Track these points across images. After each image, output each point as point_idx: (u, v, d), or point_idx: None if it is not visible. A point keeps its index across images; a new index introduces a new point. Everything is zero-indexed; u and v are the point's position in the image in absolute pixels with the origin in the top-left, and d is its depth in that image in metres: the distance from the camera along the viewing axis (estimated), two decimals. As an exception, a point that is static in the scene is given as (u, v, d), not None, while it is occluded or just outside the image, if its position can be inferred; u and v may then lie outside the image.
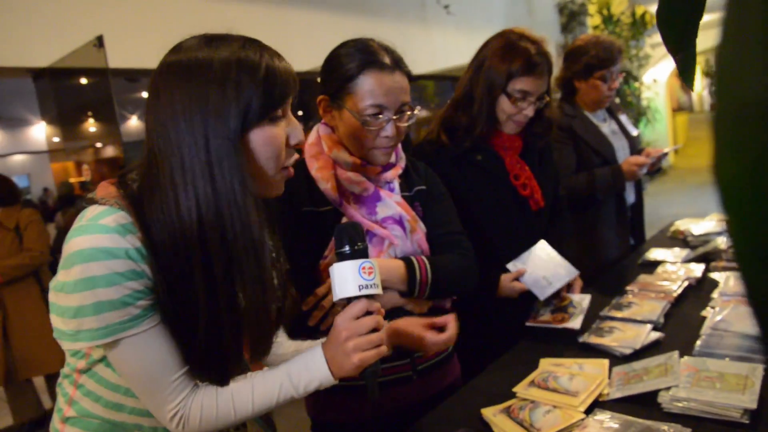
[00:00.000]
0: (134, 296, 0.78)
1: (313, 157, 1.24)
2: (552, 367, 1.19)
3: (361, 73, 1.16)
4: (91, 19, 3.46)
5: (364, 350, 0.86)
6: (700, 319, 1.38)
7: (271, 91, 0.82)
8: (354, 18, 5.76)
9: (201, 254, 0.79)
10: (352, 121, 1.18)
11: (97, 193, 0.83)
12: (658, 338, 1.29)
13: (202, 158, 0.79)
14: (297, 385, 0.89)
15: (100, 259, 0.75)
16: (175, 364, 0.84)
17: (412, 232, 1.23)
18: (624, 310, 1.47)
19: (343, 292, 0.87)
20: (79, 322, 0.78)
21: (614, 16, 9.90)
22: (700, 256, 1.90)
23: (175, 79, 0.80)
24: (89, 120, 4.07)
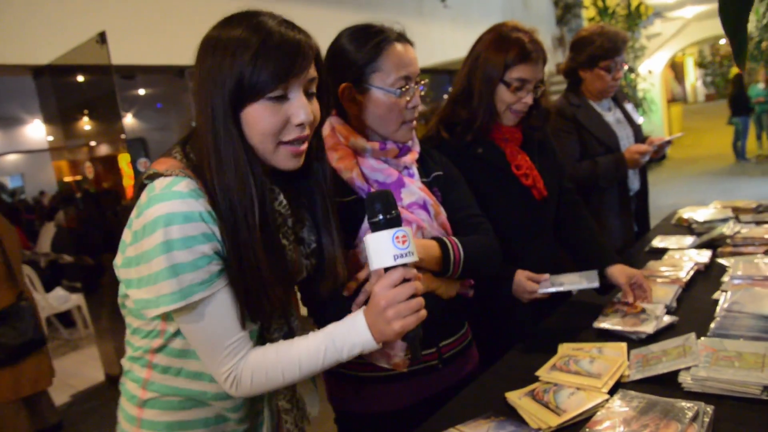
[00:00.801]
0: (205, 259, 0.86)
1: (332, 149, 1.24)
2: (572, 351, 1.21)
3: (383, 49, 1.20)
4: (93, 15, 3.45)
5: (404, 317, 0.90)
6: (712, 303, 1.41)
7: (263, 67, 0.87)
8: (351, 12, 5.76)
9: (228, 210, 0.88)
10: (382, 100, 1.21)
11: (158, 167, 0.90)
12: (672, 322, 1.32)
13: (209, 130, 0.88)
14: (341, 349, 0.93)
15: (179, 222, 0.83)
16: (234, 328, 0.91)
17: (436, 216, 1.26)
18: (637, 296, 1.49)
19: (379, 263, 0.89)
20: (159, 287, 0.85)
21: (609, 8, 9.93)
22: (706, 243, 1.93)
23: (201, 54, 0.91)
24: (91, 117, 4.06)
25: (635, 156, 2.17)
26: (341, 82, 1.23)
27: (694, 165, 10.22)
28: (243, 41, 0.87)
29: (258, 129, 0.90)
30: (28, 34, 3.45)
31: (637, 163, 2.19)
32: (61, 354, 5.07)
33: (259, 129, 0.90)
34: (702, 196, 7.36)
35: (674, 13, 12.53)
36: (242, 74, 0.86)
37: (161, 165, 0.91)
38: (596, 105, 2.34)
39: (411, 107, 1.24)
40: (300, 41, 0.91)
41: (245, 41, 0.87)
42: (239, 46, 0.87)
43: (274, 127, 0.90)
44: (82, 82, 3.70)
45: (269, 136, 0.91)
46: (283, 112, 0.90)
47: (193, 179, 0.88)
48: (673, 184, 8.69)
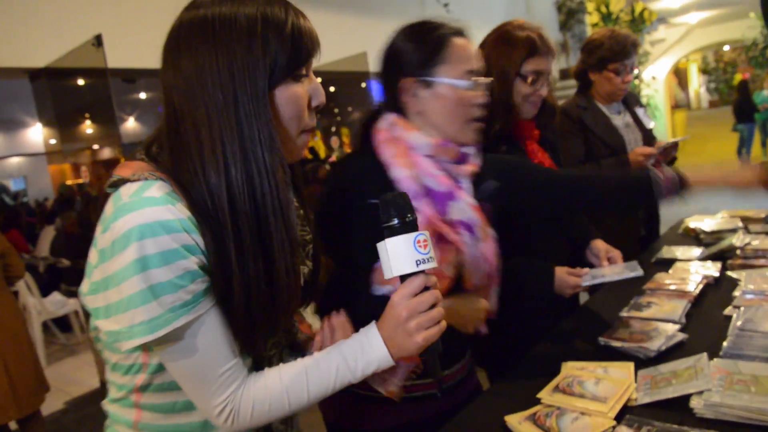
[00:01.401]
0: (186, 277, 0.73)
1: (387, 143, 1.18)
2: (576, 371, 1.15)
3: (447, 41, 1.15)
4: (90, 18, 3.41)
5: (426, 328, 0.82)
6: (723, 319, 1.34)
7: (298, 48, 0.80)
8: (353, 16, 5.72)
9: (230, 216, 0.75)
10: (448, 94, 1.15)
11: (122, 173, 0.77)
12: (682, 339, 1.25)
13: (231, 116, 0.76)
14: (354, 369, 0.83)
15: (154, 234, 0.70)
16: (226, 354, 0.79)
17: (481, 241, 1.18)
18: (644, 311, 1.43)
19: (398, 269, 0.80)
20: (132, 315, 0.72)
21: (613, 13, 9.89)
22: (715, 254, 1.86)
23: (199, 35, 0.77)
24: (87, 121, 4.02)
25: (639, 158, 2.12)
26: (400, 79, 1.18)
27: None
28: (272, 21, 0.78)
29: (288, 110, 0.81)
30: (25, 37, 3.41)
31: (641, 165, 2.13)
32: (57, 359, 5.01)
33: (289, 110, 0.81)
34: (706, 203, 7.24)
35: (678, 19, 12.49)
36: (277, 54, 0.77)
37: (126, 169, 0.79)
38: (605, 108, 2.32)
39: (478, 104, 1.18)
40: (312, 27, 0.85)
41: (275, 21, 0.78)
42: (270, 26, 0.77)
43: (302, 107, 0.83)
44: (79, 86, 3.66)
45: (296, 118, 0.82)
46: (304, 91, 0.83)
47: (165, 181, 0.76)
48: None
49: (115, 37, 3.18)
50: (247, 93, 0.76)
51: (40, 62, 3.55)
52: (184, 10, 0.81)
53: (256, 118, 0.77)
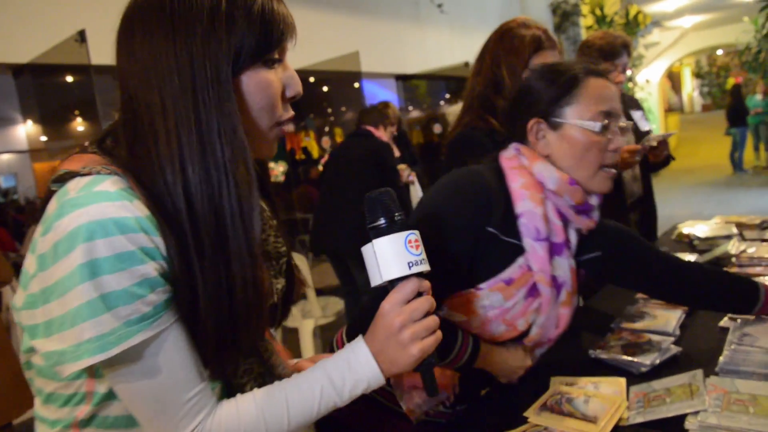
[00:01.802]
0: (145, 286, 0.62)
1: (516, 170, 1.11)
2: (564, 387, 1.09)
3: (580, 81, 1.09)
4: (73, 12, 3.34)
5: (422, 338, 0.73)
6: (718, 331, 1.29)
7: (268, 29, 0.71)
8: (348, 16, 5.66)
9: (188, 218, 0.66)
10: (578, 137, 1.08)
11: (70, 166, 0.67)
12: (676, 353, 1.20)
13: (188, 103, 0.67)
14: (341, 390, 0.73)
15: (107, 234, 0.60)
16: (192, 377, 0.68)
17: (562, 305, 1.14)
18: (637, 322, 1.37)
19: (388, 273, 0.72)
20: (80, 330, 0.60)
21: (607, 16, 9.86)
22: (709, 262, 1.81)
23: (155, 15, 0.68)
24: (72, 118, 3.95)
25: (624, 155, 2.08)
26: (529, 119, 1.12)
27: (691, 175, 10.15)
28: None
29: (257, 99, 0.72)
30: (7, 32, 3.33)
31: (626, 163, 2.09)
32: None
33: (258, 99, 0.72)
34: (699, 207, 7.27)
35: (673, 22, 12.51)
36: (244, 35, 0.69)
37: (75, 162, 0.68)
38: None
39: (612, 149, 1.09)
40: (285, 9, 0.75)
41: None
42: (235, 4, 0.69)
43: (274, 96, 0.73)
44: (62, 82, 3.58)
45: (266, 109, 0.73)
46: (278, 80, 0.74)
47: (121, 176, 0.66)
48: (669, 194, 8.59)
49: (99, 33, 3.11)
50: (207, 78, 0.67)
51: (23, 58, 3.47)
52: None
53: (217, 107, 0.68)
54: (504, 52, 1.56)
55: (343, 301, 3.50)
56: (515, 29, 1.57)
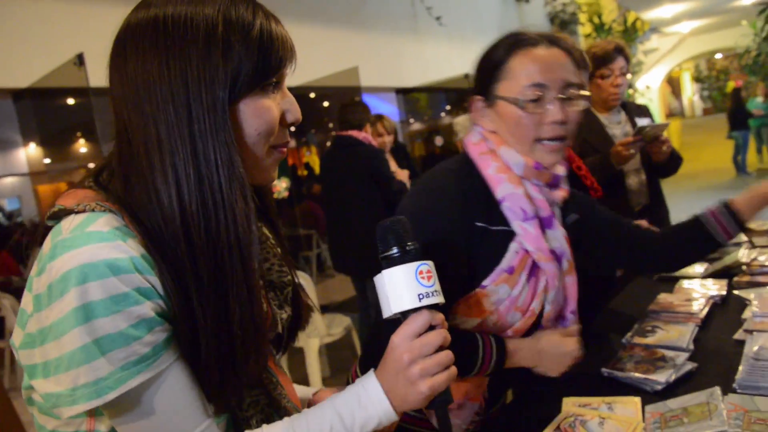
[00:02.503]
0: (144, 326, 0.61)
1: (486, 155, 1.08)
2: (578, 409, 1.06)
3: (511, 54, 1.05)
4: (71, 37, 3.35)
5: (432, 375, 0.69)
6: (733, 344, 1.25)
7: (266, 54, 0.68)
8: (347, 30, 5.67)
9: (187, 254, 0.64)
10: (509, 112, 1.05)
11: (65, 202, 0.66)
12: (691, 369, 1.16)
13: (184, 133, 0.64)
14: (351, 427, 0.70)
15: (99, 277, 0.59)
16: (196, 415, 0.66)
17: (568, 274, 1.12)
18: (649, 336, 1.34)
19: (398, 305, 0.70)
20: (75, 375, 0.59)
21: (605, 24, 9.90)
22: (720, 271, 1.77)
23: (149, 39, 0.65)
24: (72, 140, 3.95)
25: (618, 148, 2.08)
26: (475, 93, 1.11)
27: (695, 180, 10.10)
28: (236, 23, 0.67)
29: (255, 126, 0.69)
30: (8, 57, 3.34)
31: (621, 157, 2.08)
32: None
33: (256, 126, 0.69)
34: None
35: (671, 28, 12.55)
36: (240, 61, 0.66)
37: (70, 198, 0.67)
38: (603, 117, 2.32)
39: (549, 122, 1.04)
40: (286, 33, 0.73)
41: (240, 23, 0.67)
42: (232, 29, 0.66)
43: (271, 123, 0.71)
44: (62, 105, 3.59)
45: (264, 135, 0.71)
46: (277, 107, 0.72)
47: (116, 214, 0.64)
48: (673, 199, 8.54)
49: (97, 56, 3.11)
50: (203, 106, 0.65)
51: (23, 83, 3.49)
52: (133, 10, 0.69)
53: (213, 136, 0.65)
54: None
55: (348, 318, 3.46)
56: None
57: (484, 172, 1.07)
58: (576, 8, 9.77)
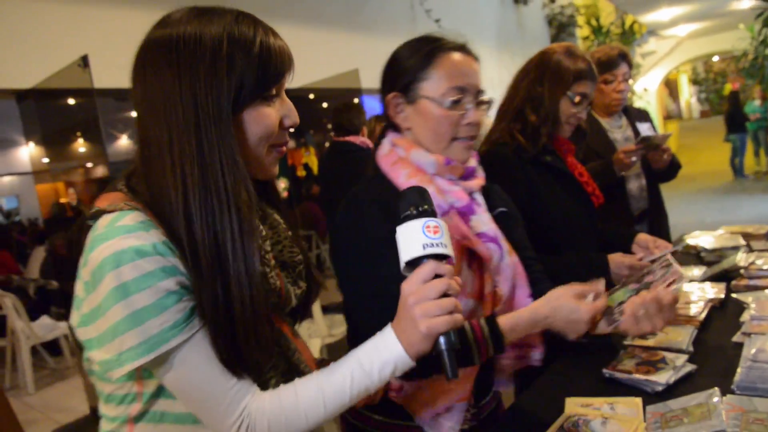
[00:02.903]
0: (171, 298, 0.73)
1: (397, 164, 1.14)
2: (581, 409, 1.08)
3: (436, 56, 1.11)
4: (76, 38, 3.37)
5: (432, 316, 0.76)
6: (732, 347, 1.28)
7: (266, 68, 0.79)
8: (345, 33, 5.70)
9: (187, 242, 0.74)
10: (430, 111, 1.11)
11: (100, 205, 0.78)
12: (691, 370, 1.19)
13: (192, 139, 0.75)
14: (370, 372, 0.79)
15: (129, 260, 0.71)
16: (228, 372, 0.77)
17: (509, 253, 1.15)
18: (649, 338, 1.36)
19: (407, 254, 0.79)
20: (120, 342, 0.72)
21: (603, 26, 9.94)
22: (718, 274, 1.81)
23: (163, 55, 0.76)
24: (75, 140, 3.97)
25: (620, 156, 2.12)
26: (391, 90, 1.16)
27: (692, 182, 10.15)
28: (238, 41, 0.77)
29: (257, 131, 0.80)
30: (12, 58, 3.36)
31: (622, 164, 2.12)
32: (46, 384, 4.89)
33: (258, 131, 0.80)
34: (701, 214, 7.27)
35: (668, 31, 12.60)
36: (243, 75, 0.76)
37: (103, 201, 0.79)
38: (605, 121, 2.35)
39: (466, 123, 1.12)
40: (285, 46, 0.84)
41: (242, 41, 0.77)
42: (236, 46, 0.76)
43: (271, 128, 0.82)
44: (66, 106, 3.61)
45: (265, 138, 0.82)
46: (276, 113, 0.83)
47: (141, 211, 0.75)
48: (671, 202, 8.57)
49: (102, 57, 3.13)
50: (209, 115, 0.75)
51: (27, 83, 3.50)
52: (153, 28, 0.80)
53: (219, 142, 0.75)
54: (548, 73, 1.64)
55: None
56: (561, 55, 1.65)
57: (396, 181, 1.13)
58: (574, 11, 9.80)
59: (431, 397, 1.07)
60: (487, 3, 7.91)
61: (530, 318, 1.07)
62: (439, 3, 6.57)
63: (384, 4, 6.01)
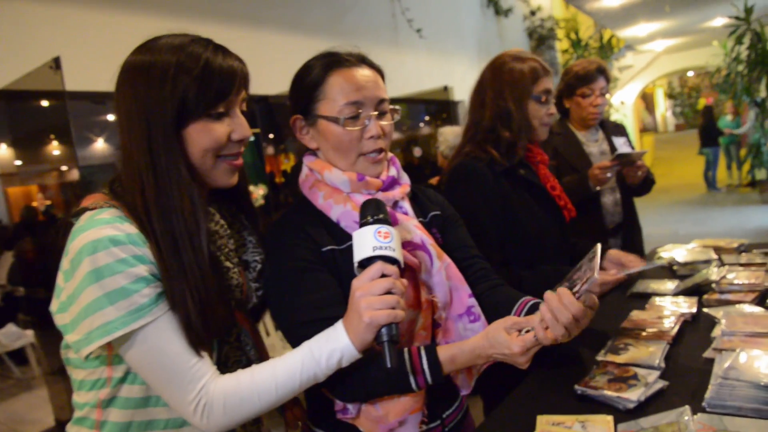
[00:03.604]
0: (139, 283, 0.82)
1: (314, 188, 1.14)
2: (552, 428, 1.07)
3: (327, 74, 1.09)
4: (48, 40, 3.29)
5: (375, 309, 0.86)
6: (703, 362, 1.28)
7: (208, 88, 0.89)
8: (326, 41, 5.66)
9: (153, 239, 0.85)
10: (331, 130, 1.10)
11: (84, 204, 0.90)
12: (662, 387, 1.18)
13: (146, 150, 0.87)
14: (318, 359, 0.88)
15: (104, 248, 0.80)
16: (190, 351, 0.86)
17: (439, 258, 1.12)
18: (621, 354, 1.36)
19: (359, 255, 0.90)
20: (91, 321, 0.81)
21: (582, 40, 10.09)
22: (690, 288, 1.82)
23: (128, 79, 0.90)
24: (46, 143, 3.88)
25: (595, 171, 2.13)
26: (294, 112, 1.15)
27: (666, 194, 10.32)
28: (183, 64, 0.88)
29: (201, 145, 0.91)
30: (-20, 58, 3.26)
31: (598, 179, 2.14)
32: (11, 395, 4.75)
33: (201, 145, 0.91)
34: (675, 226, 7.38)
35: (645, 46, 12.86)
36: (186, 94, 0.87)
37: (87, 201, 0.91)
38: (581, 134, 2.35)
39: (369, 137, 1.10)
40: (235, 66, 0.93)
41: (186, 64, 0.88)
42: (180, 69, 0.87)
43: (215, 142, 0.92)
44: (37, 108, 3.52)
45: (211, 150, 0.92)
46: (224, 129, 0.93)
47: (118, 208, 0.87)
48: (645, 213, 8.70)
49: (75, 60, 3.06)
50: (157, 129, 0.87)
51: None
52: (131, 53, 0.93)
53: (167, 153, 0.87)
54: (507, 84, 1.63)
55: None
56: (511, 62, 1.65)
57: (316, 204, 1.13)
58: (554, 24, 9.93)
59: (383, 413, 1.05)
60: (468, 13, 7.97)
61: (471, 350, 1.04)
62: (420, 12, 6.60)
63: (366, 12, 6.02)
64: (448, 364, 1.03)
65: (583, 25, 10.41)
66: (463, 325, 1.17)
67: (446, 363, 1.03)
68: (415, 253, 1.11)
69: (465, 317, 1.17)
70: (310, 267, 1.06)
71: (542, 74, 1.64)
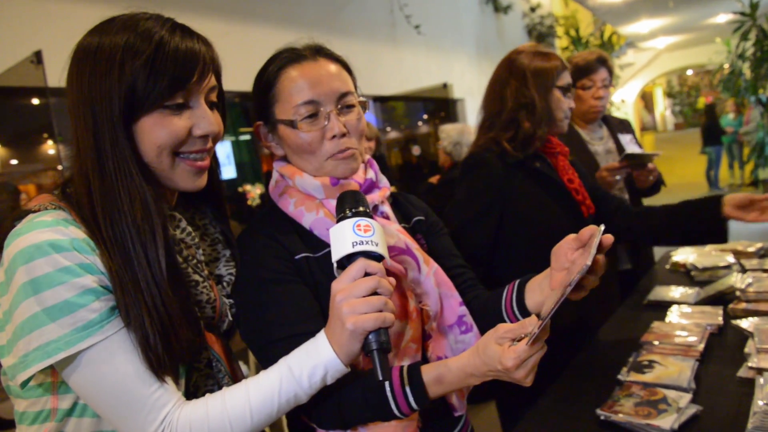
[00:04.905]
0: (86, 297, 0.69)
1: (285, 194, 1.03)
2: (575, 464, 0.93)
3: (279, 74, 0.98)
4: (29, 33, 3.16)
5: (360, 313, 0.73)
6: (737, 383, 1.15)
7: (161, 73, 0.75)
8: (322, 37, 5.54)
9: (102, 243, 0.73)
10: (288, 135, 0.99)
11: (29, 206, 0.77)
12: (696, 412, 1.05)
13: (92, 147, 0.75)
14: (299, 377, 0.76)
15: (43, 254, 0.67)
16: (150, 378, 0.73)
17: (426, 263, 1.00)
18: (646, 372, 1.22)
19: (337, 253, 0.78)
20: (27, 341, 0.67)
21: (582, 37, 9.96)
22: (713, 296, 1.68)
23: (77, 64, 0.78)
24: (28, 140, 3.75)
25: (603, 173, 2.02)
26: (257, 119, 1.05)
27: (669, 194, 10.17)
28: (132, 47, 0.75)
29: (154, 141, 0.77)
30: (-41, 53, 3.12)
31: (606, 182, 2.02)
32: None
33: (155, 141, 0.77)
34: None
35: (646, 43, 12.75)
36: (134, 82, 0.74)
37: (33, 202, 0.78)
38: (585, 133, 2.22)
39: (330, 138, 0.98)
40: (196, 49, 0.79)
41: (135, 47, 0.75)
42: (128, 52, 0.74)
43: (172, 138, 0.78)
44: (17, 104, 3.39)
45: (166, 148, 0.78)
46: (184, 123, 0.79)
47: (65, 210, 0.75)
48: (649, 213, 8.60)
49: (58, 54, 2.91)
50: (104, 122, 0.74)
51: (-24, 80, 3.26)
52: (85, 35, 0.80)
53: (113, 149, 0.75)
54: (531, 75, 1.59)
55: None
56: (533, 55, 1.62)
57: (287, 212, 1.03)
58: (553, 21, 9.81)
59: None
60: (467, 10, 7.83)
61: (461, 368, 0.86)
62: (419, 9, 6.46)
63: (363, 8, 5.87)
64: (434, 386, 0.87)
65: (583, 21, 10.29)
66: (454, 337, 1.04)
67: (431, 384, 0.87)
68: (399, 258, 0.99)
69: (456, 327, 1.04)
70: (283, 278, 0.94)
71: (563, 69, 1.63)
